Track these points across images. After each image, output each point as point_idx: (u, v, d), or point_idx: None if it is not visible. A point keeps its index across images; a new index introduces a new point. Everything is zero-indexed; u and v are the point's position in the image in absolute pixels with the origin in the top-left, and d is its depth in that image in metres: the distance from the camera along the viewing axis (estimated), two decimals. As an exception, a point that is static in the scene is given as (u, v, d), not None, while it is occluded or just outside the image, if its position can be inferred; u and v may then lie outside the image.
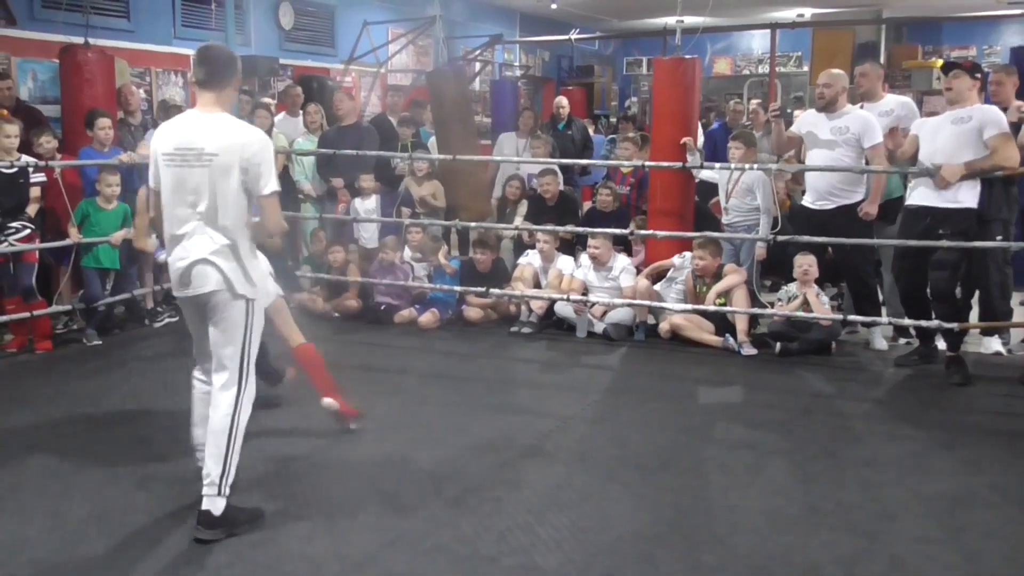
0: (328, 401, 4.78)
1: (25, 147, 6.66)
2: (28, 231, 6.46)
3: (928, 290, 5.86)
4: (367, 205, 7.86)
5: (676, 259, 6.98)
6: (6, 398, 5.36)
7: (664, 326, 6.73)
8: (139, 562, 3.41)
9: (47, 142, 6.79)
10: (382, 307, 7.41)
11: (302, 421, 4.95)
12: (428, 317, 7.21)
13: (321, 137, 8.10)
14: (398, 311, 7.36)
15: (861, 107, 6.43)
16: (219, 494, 3.55)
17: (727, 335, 6.51)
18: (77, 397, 5.40)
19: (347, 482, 4.15)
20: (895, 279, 6.14)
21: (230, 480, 3.58)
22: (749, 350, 6.38)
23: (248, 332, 3.65)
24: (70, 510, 3.85)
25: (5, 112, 6.73)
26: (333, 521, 3.74)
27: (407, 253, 7.62)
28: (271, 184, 3.58)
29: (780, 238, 6.37)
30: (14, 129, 6.39)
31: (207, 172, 3.53)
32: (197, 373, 3.87)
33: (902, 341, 6.63)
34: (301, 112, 8.57)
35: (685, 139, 7.01)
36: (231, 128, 3.59)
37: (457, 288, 7.22)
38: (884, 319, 6.27)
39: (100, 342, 6.66)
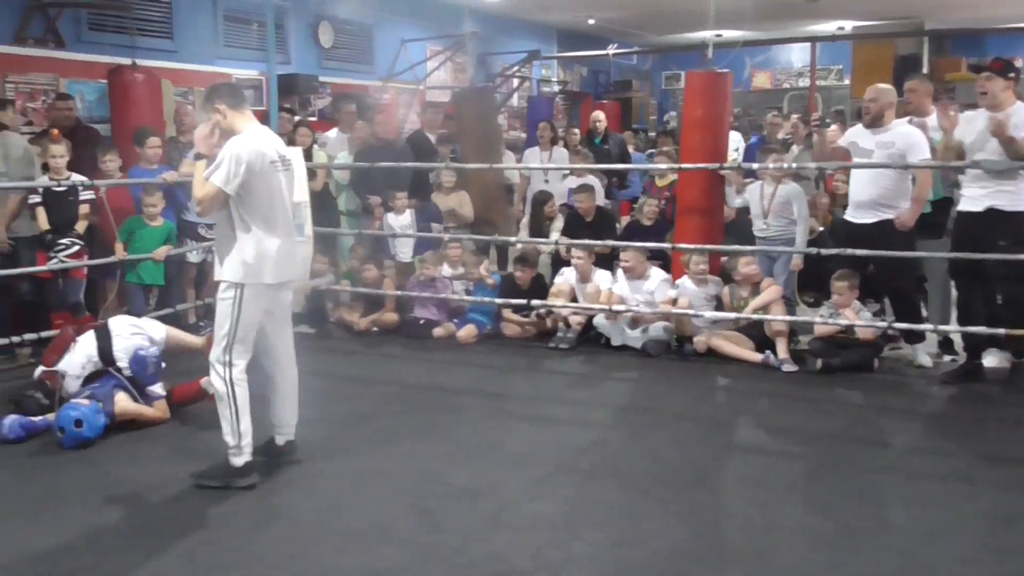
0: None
1: (91, 165, 6.83)
2: (77, 247, 6.59)
3: (997, 297, 5.76)
4: (402, 221, 7.91)
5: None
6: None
7: (701, 339, 6.69)
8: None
9: (111, 160, 6.93)
10: (420, 321, 7.44)
11: (335, 435, 4.99)
12: (466, 332, 7.23)
13: (356, 154, 8.18)
14: (436, 326, 7.39)
15: (910, 122, 6.32)
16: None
17: (767, 351, 6.45)
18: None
19: (382, 496, 4.16)
20: (956, 286, 6.03)
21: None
22: (790, 367, 6.31)
23: None
24: (110, 519, 3.91)
25: (56, 132, 6.89)
26: (367, 535, 3.75)
27: (445, 269, 7.65)
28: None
29: (823, 252, 6.31)
30: (62, 149, 6.53)
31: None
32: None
33: (947, 358, 6.51)
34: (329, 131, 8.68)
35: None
36: None
37: (498, 300, 7.23)
38: (929, 326, 6.18)
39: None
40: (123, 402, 5.05)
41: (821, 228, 7.58)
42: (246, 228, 4.17)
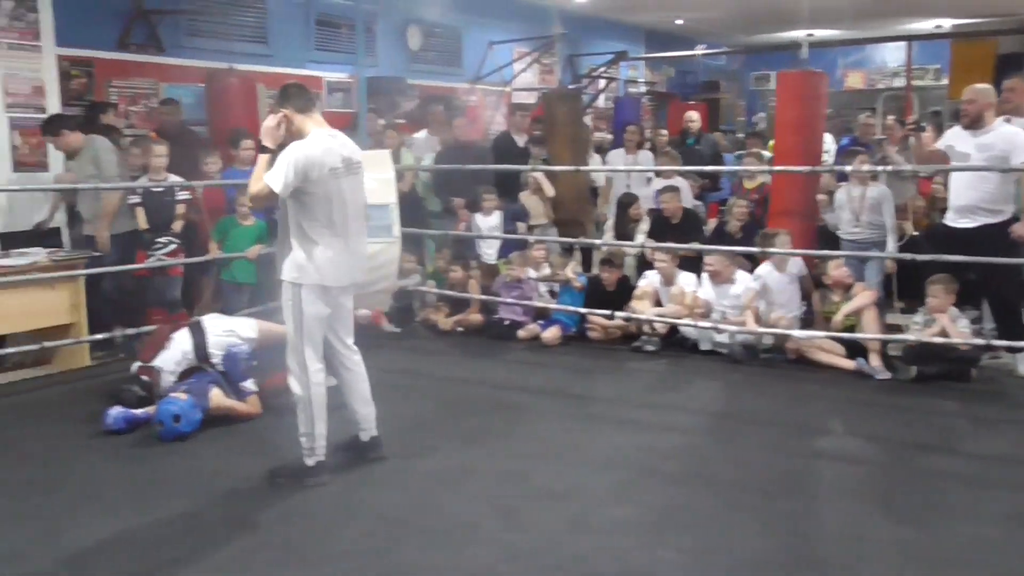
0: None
1: (192, 166, 7.10)
2: (173, 246, 6.81)
3: None
4: (490, 222, 7.96)
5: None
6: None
7: (792, 346, 6.56)
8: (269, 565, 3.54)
9: (213, 163, 7.16)
10: (505, 322, 7.48)
11: (420, 433, 5.05)
12: (551, 333, 7.24)
13: (438, 155, 8.26)
14: (521, 327, 7.42)
15: (1007, 121, 6.11)
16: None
17: (860, 358, 6.30)
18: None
19: (467, 495, 4.20)
20: None
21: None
22: (883, 374, 6.15)
23: None
24: (206, 510, 4.03)
25: (154, 134, 7.14)
26: (453, 533, 3.79)
27: (531, 271, 7.67)
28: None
29: (919, 258, 6.14)
30: (163, 149, 6.77)
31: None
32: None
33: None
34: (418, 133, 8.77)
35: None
36: None
37: (582, 309, 7.22)
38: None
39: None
40: (217, 398, 5.20)
41: (915, 232, 7.38)
42: (303, 232, 4.20)
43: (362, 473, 4.44)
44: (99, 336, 6.41)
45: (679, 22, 14.68)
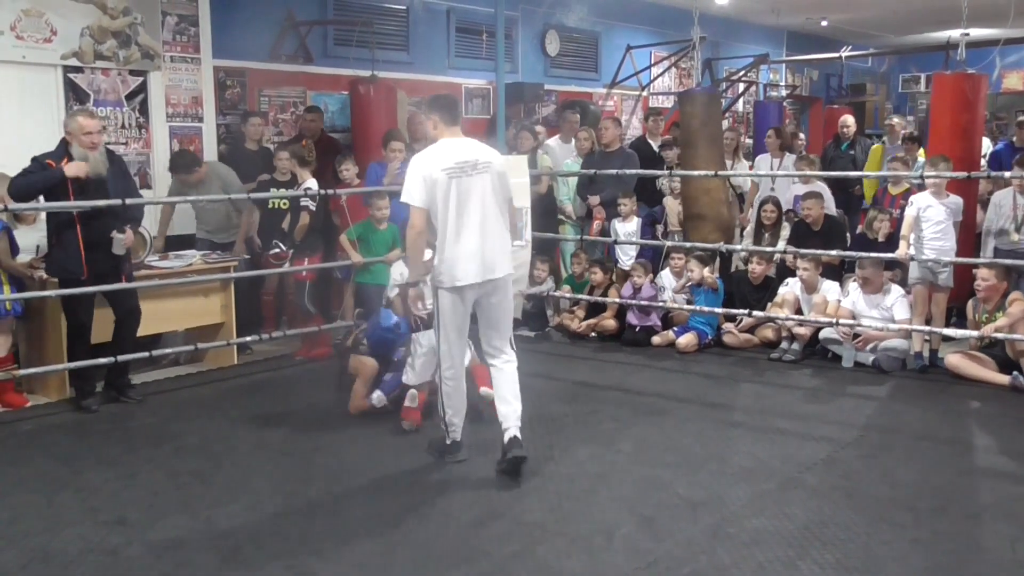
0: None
1: (330, 172, 7.36)
2: (278, 250, 6.86)
3: None
4: (627, 228, 7.90)
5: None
6: (280, 398, 5.89)
7: (955, 361, 6.28)
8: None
9: (346, 170, 7.36)
10: (636, 328, 7.41)
11: (558, 438, 5.06)
12: (686, 340, 7.13)
13: (585, 159, 8.26)
14: (654, 333, 7.34)
15: None
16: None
17: (1015, 372, 5.97)
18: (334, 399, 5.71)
19: (604, 501, 4.19)
20: None
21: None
22: (1041, 389, 5.83)
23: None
24: (351, 507, 4.15)
25: (305, 142, 7.40)
26: (591, 539, 3.78)
27: (667, 278, 7.58)
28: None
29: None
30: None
31: None
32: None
33: None
34: (573, 139, 8.75)
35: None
36: None
37: (719, 310, 7.10)
38: None
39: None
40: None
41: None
42: (435, 235, 4.48)
43: (500, 476, 4.49)
44: (247, 338, 6.71)
45: (824, 23, 14.24)
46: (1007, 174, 6.57)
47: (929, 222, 6.34)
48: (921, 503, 4.13)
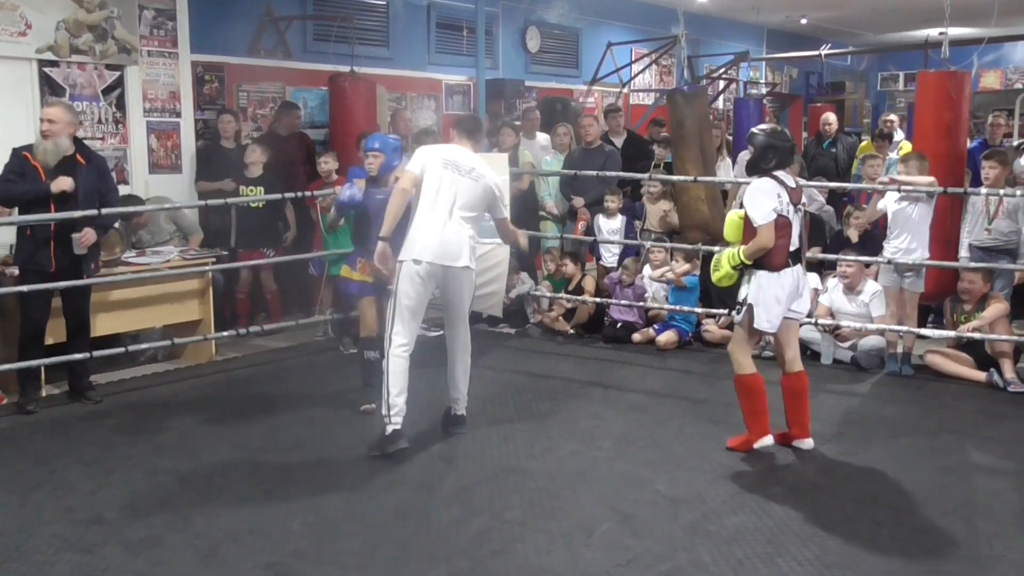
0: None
1: (293, 171, 7.36)
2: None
3: None
4: (612, 224, 7.88)
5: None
6: (276, 395, 5.86)
7: (933, 359, 6.32)
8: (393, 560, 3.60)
9: (325, 163, 7.33)
10: (618, 325, 7.42)
11: (542, 434, 5.05)
12: (666, 337, 7.14)
13: (567, 157, 8.24)
14: (634, 330, 7.35)
15: None
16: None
17: (991, 370, 6.02)
18: (336, 398, 5.75)
19: (585, 498, 4.18)
20: None
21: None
22: (1017, 387, 5.87)
23: None
24: (329, 507, 4.12)
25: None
26: (571, 536, 3.78)
27: (647, 272, 7.59)
28: None
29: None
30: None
31: None
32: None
33: None
34: (538, 134, 8.76)
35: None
36: None
37: (698, 310, 7.11)
38: None
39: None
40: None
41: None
42: (415, 211, 4.83)
43: (480, 473, 4.48)
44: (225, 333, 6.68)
45: (804, 21, 14.30)
46: (983, 190, 6.50)
47: (897, 222, 6.37)
48: (900, 500, 4.15)
